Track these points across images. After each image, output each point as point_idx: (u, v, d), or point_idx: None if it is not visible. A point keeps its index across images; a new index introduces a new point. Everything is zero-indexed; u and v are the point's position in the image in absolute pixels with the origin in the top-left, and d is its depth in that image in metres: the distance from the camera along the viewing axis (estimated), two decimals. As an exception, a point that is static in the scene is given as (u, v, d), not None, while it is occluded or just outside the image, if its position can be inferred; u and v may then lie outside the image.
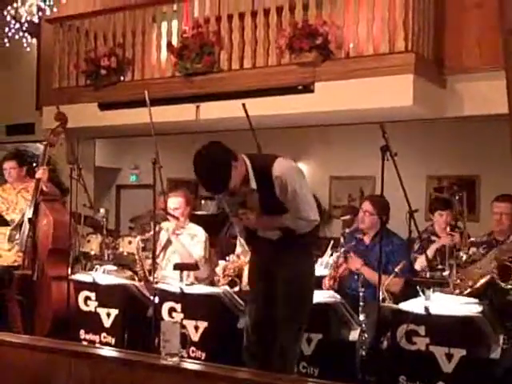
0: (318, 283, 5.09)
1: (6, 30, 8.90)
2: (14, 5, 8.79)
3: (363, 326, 4.01)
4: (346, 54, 6.82)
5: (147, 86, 6.54)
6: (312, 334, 4.04)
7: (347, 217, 5.99)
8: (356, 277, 4.60)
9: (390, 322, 3.80)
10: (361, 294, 4.20)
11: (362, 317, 4.09)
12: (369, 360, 3.86)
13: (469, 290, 4.30)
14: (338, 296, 4.16)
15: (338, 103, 6.76)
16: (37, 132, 9.30)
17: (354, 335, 4.02)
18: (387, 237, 4.65)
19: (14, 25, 8.88)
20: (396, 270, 4.39)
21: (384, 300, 4.13)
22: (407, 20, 6.43)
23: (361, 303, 4.16)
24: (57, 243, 5.32)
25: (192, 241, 5.31)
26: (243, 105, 4.82)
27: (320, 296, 4.17)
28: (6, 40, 8.94)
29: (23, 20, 8.83)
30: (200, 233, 5.36)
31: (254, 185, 3.66)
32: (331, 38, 6.73)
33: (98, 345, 4.75)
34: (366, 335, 3.95)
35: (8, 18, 8.85)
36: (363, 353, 3.90)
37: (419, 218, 4.29)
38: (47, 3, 8.77)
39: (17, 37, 8.96)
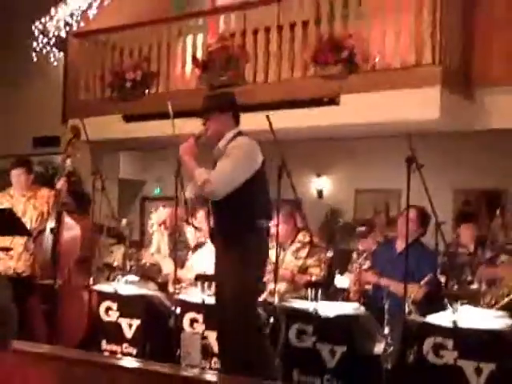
0: (343, 296, 5.04)
1: (34, 44, 9.00)
2: (42, 20, 8.93)
3: (388, 338, 3.92)
4: (372, 66, 6.77)
5: (172, 98, 6.55)
6: (336, 347, 3.95)
7: (362, 228, 5.96)
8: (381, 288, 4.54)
9: (416, 335, 3.70)
10: (386, 306, 4.11)
11: (386, 329, 3.99)
12: (394, 374, 3.76)
13: (506, 299, 4.17)
14: (363, 308, 4.08)
15: (363, 116, 6.70)
16: (62, 145, 9.36)
17: (378, 348, 3.92)
18: (419, 246, 4.74)
19: (42, 39, 8.99)
20: (422, 282, 4.33)
21: (410, 313, 4.04)
22: (435, 32, 6.38)
23: (386, 316, 4.06)
24: (84, 252, 5.33)
25: None
26: (267, 116, 4.77)
27: (344, 308, 4.10)
28: (33, 54, 9.03)
29: (51, 35, 8.95)
30: None
31: (221, 145, 3.91)
32: (357, 51, 6.69)
33: (119, 355, 4.71)
34: (391, 348, 3.86)
35: (36, 33, 8.97)
36: (388, 366, 3.80)
37: (446, 231, 4.21)
38: (74, 18, 8.88)
39: (44, 51, 9.06)
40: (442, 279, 4.81)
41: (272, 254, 5.02)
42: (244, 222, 3.78)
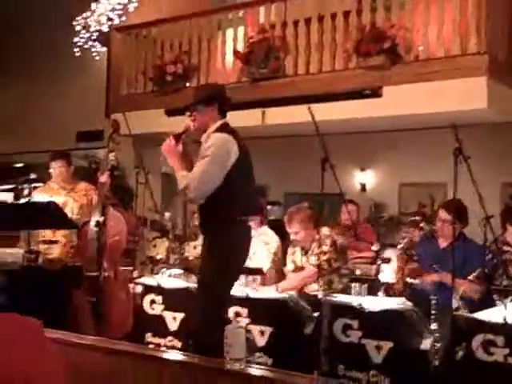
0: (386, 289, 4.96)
1: (76, 39, 9.08)
2: (84, 15, 9.01)
3: (436, 334, 3.84)
4: (416, 57, 6.65)
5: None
6: (382, 342, 3.89)
7: (416, 217, 5.84)
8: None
9: (465, 331, 3.62)
10: (433, 301, 4.03)
11: (434, 325, 3.91)
12: (442, 370, 3.68)
13: None
14: (409, 303, 4.01)
15: (407, 107, 6.60)
16: (106, 139, 9.42)
17: (426, 344, 3.86)
18: (464, 241, 4.67)
19: (84, 34, 9.07)
20: (470, 277, 4.25)
21: (458, 308, 3.96)
22: (480, 20, 6.24)
23: (433, 311, 3.98)
24: (129, 245, 5.37)
25: (264, 248, 5.28)
26: (309, 108, 4.72)
27: (390, 303, 4.04)
28: (76, 49, 9.12)
29: (92, 29, 9.02)
30: (272, 241, 5.33)
31: (202, 138, 3.95)
32: (400, 41, 6.58)
33: (163, 348, 4.73)
34: (439, 344, 3.78)
35: (78, 28, 9.06)
36: (436, 363, 3.73)
37: (494, 226, 4.12)
38: (116, 12, 8.94)
39: (86, 46, 9.14)
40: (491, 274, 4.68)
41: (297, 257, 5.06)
42: (220, 216, 3.87)
